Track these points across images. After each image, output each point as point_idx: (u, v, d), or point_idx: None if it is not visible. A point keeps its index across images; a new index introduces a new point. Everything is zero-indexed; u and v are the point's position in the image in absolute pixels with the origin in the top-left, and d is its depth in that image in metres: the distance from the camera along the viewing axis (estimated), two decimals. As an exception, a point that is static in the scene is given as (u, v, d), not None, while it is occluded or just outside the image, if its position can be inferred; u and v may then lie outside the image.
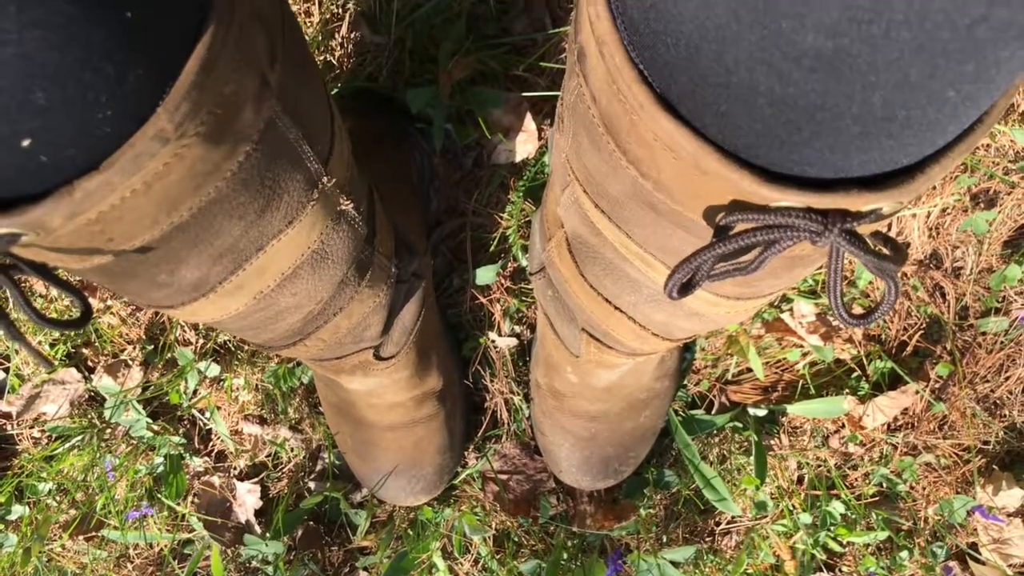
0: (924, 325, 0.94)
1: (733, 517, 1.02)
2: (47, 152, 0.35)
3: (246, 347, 0.97)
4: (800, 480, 1.00)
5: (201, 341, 0.97)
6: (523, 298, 0.93)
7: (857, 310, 0.93)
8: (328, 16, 0.82)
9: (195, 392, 0.97)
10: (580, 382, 0.86)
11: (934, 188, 0.88)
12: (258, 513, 1.02)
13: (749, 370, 0.98)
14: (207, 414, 0.99)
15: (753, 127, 0.33)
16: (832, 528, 0.98)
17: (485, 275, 0.92)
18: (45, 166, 0.36)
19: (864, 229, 0.40)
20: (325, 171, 0.53)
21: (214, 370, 0.96)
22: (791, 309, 0.91)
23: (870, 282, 0.93)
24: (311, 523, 1.02)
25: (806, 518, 0.97)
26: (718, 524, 1.02)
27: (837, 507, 0.98)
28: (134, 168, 0.37)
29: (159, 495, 0.99)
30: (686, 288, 0.42)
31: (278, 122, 0.45)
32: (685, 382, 0.99)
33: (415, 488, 0.94)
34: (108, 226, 0.40)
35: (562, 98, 0.54)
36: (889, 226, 0.91)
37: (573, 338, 0.79)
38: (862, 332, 0.93)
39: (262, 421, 0.98)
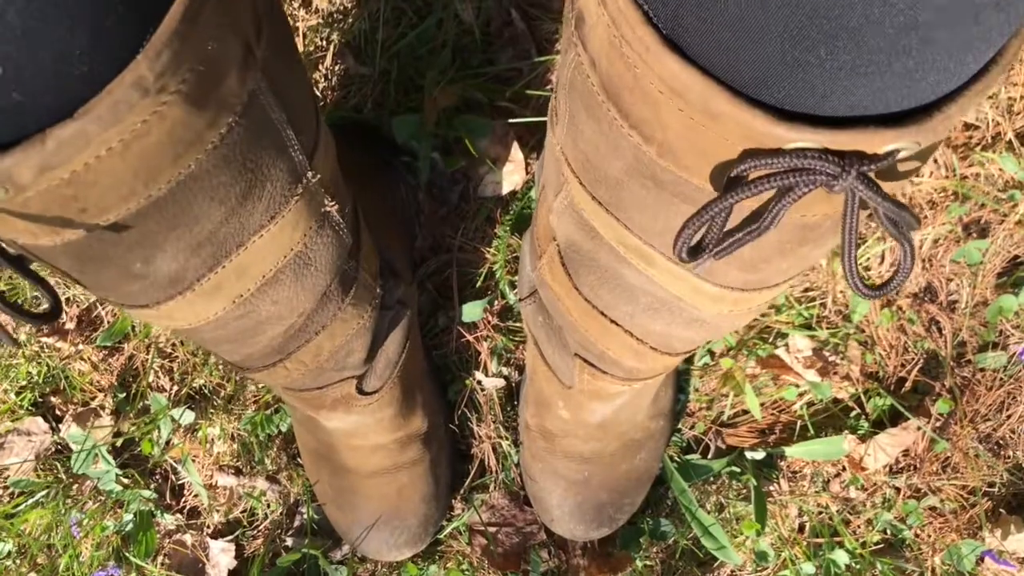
0: (922, 361, 0.92)
1: (733, 570, 0.97)
2: (20, 89, 0.33)
3: (222, 393, 0.93)
4: (801, 528, 0.96)
5: (175, 388, 0.93)
6: (511, 336, 0.91)
7: (853, 346, 0.91)
8: (312, 48, 0.81)
9: (168, 442, 0.92)
10: (572, 418, 0.82)
11: (925, 218, 0.88)
12: (233, 573, 0.97)
13: (745, 411, 0.95)
14: (180, 464, 0.94)
15: (765, 53, 0.32)
16: (837, 578, 0.94)
17: (471, 312, 0.89)
18: (19, 109, 0.33)
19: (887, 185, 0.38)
20: (310, 165, 0.51)
21: (188, 417, 0.91)
22: (786, 344, 0.89)
23: (865, 316, 0.91)
24: (288, 584, 0.97)
25: (809, 568, 0.93)
26: (717, 578, 0.97)
27: (841, 556, 0.94)
28: (111, 118, 0.35)
29: (127, 554, 0.93)
30: (695, 251, 0.39)
31: (262, 98, 0.43)
32: (680, 426, 0.96)
33: (398, 540, 0.89)
34: (81, 191, 0.37)
35: (555, 90, 0.53)
36: (882, 258, 0.89)
37: (565, 367, 0.76)
38: (859, 370, 0.91)
39: (238, 472, 0.94)
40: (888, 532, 0.95)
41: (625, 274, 0.56)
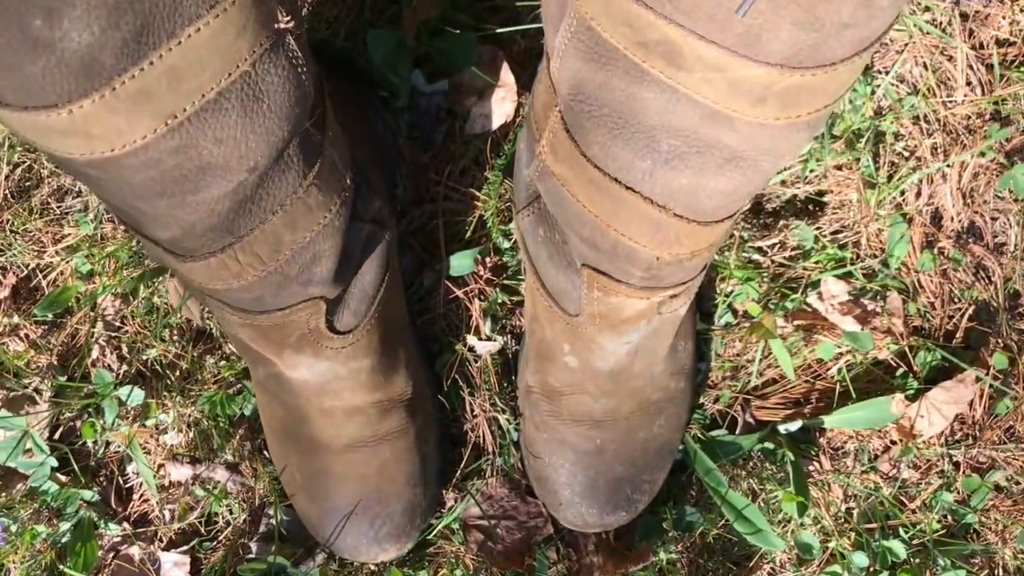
0: (971, 310, 0.81)
1: (774, 568, 0.83)
2: None
3: (177, 372, 0.81)
4: (848, 516, 0.82)
5: (124, 368, 0.81)
6: (508, 295, 0.80)
7: (893, 297, 0.81)
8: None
9: (113, 428, 0.79)
10: (581, 366, 0.71)
11: (963, 145, 0.79)
12: (186, 592, 0.82)
13: (775, 380, 0.83)
14: (126, 448, 0.81)
15: None
16: (894, 572, 0.80)
17: (461, 264, 0.79)
18: None
19: None
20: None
21: (137, 397, 0.79)
22: (819, 292, 0.79)
23: (903, 263, 0.81)
24: (252, 603, 0.82)
25: (861, 559, 0.79)
26: (754, 583, 0.84)
27: (897, 546, 0.80)
28: None
29: (64, 568, 0.79)
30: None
31: None
32: (702, 400, 0.84)
33: (379, 533, 0.75)
34: None
35: None
36: (919, 192, 0.80)
37: (571, 288, 0.65)
38: (902, 322, 0.80)
39: (194, 462, 0.81)
40: (949, 518, 0.82)
41: (644, 106, 0.47)
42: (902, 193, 0.80)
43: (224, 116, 0.45)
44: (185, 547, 0.83)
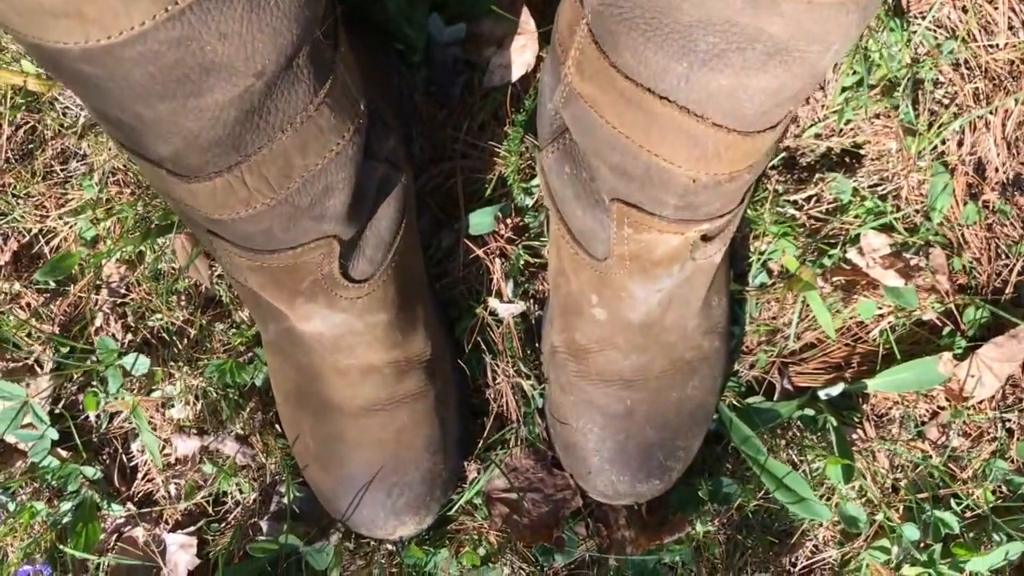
0: (1020, 266, 0.77)
1: (816, 545, 0.78)
2: None
3: (184, 341, 0.77)
4: (895, 489, 0.77)
5: (129, 337, 0.78)
6: (531, 256, 0.76)
7: (937, 253, 0.76)
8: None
9: (118, 396, 0.76)
10: (609, 319, 0.67)
11: (1006, 91, 0.75)
12: (193, 574, 0.78)
13: (812, 345, 0.79)
14: (130, 428, 0.77)
15: None
16: (948, 547, 0.75)
17: (481, 221, 0.75)
18: None
19: None
20: None
21: (143, 365, 0.76)
22: (859, 247, 0.75)
23: (946, 217, 0.77)
24: (263, 586, 0.77)
25: (912, 532, 0.74)
26: (795, 563, 0.78)
27: (949, 519, 0.75)
28: None
29: (64, 547, 0.75)
30: None
31: None
32: (737, 368, 0.79)
33: (397, 504, 0.71)
34: None
35: None
36: (960, 141, 0.76)
37: (600, 228, 0.61)
38: (947, 279, 0.76)
39: (201, 433, 0.77)
40: (1004, 487, 0.77)
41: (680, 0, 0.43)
42: (943, 142, 0.76)
43: (228, 8, 0.42)
44: (192, 528, 0.79)
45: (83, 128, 0.77)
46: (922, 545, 0.75)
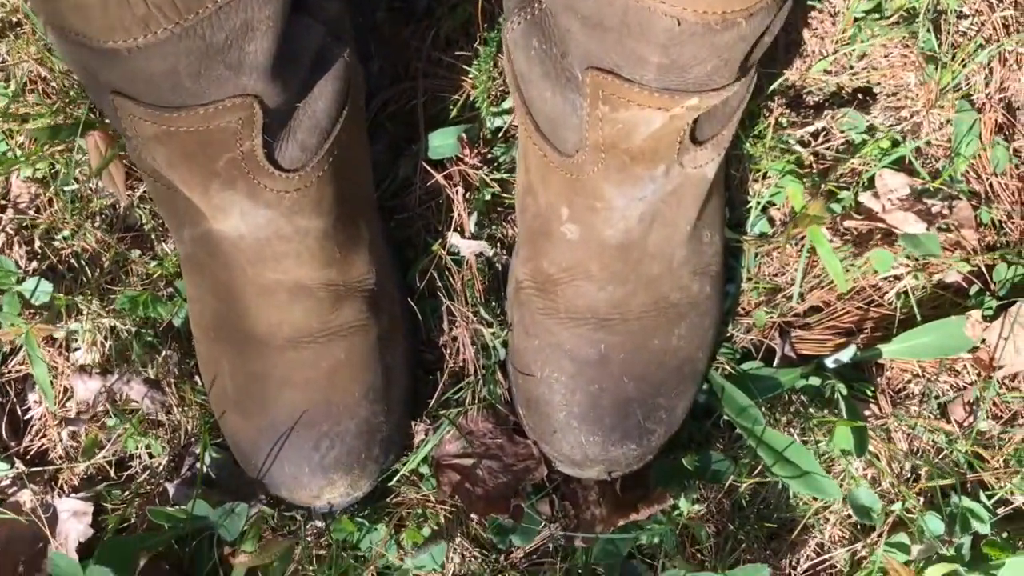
0: (1056, 221, 0.68)
1: (820, 544, 0.66)
2: None
3: (97, 271, 0.67)
4: (915, 476, 0.66)
5: (35, 264, 0.68)
6: (501, 191, 0.67)
7: (962, 205, 0.67)
8: None
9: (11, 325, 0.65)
10: (582, 238, 0.57)
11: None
12: (85, 548, 0.66)
13: (820, 308, 0.69)
14: (27, 366, 0.67)
15: None
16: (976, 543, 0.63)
17: (442, 142, 0.66)
18: None
19: None
20: None
21: (44, 292, 0.65)
22: (873, 191, 0.65)
23: (971, 165, 0.68)
24: (164, 564, 0.65)
25: (935, 523, 0.63)
26: (795, 564, 0.67)
27: (979, 510, 0.64)
28: None
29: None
30: None
31: None
32: (731, 332, 0.69)
33: (325, 458, 0.59)
34: None
35: None
36: (988, 78, 0.68)
37: (571, 112, 0.52)
38: (974, 235, 0.66)
39: (104, 373, 0.66)
40: (1041, 479, 0.66)
41: None
42: (967, 79, 0.67)
43: None
44: (89, 491, 0.67)
45: (2, 26, 0.68)
46: (948, 540, 0.63)
